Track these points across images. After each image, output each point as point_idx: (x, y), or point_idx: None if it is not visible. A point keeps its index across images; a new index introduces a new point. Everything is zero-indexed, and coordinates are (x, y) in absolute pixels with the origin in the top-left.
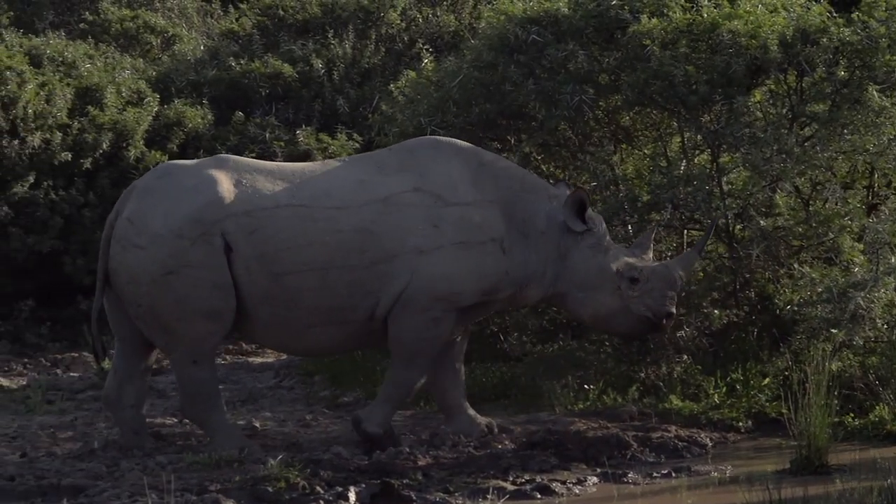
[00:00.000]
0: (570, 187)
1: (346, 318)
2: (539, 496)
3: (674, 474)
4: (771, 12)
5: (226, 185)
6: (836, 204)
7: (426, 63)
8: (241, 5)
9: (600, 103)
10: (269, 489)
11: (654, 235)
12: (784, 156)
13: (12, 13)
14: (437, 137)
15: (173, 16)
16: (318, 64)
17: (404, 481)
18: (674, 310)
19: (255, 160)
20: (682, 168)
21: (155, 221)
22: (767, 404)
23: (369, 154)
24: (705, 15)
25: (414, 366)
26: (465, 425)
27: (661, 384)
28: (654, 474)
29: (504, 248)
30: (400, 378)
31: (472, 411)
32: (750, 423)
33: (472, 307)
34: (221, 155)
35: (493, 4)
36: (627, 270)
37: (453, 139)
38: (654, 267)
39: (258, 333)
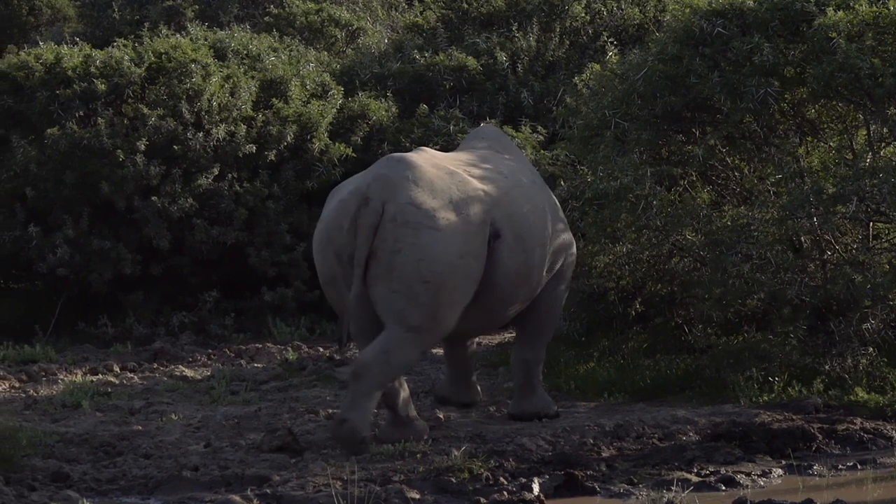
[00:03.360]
0: None
1: (534, 293)
2: (724, 488)
3: (859, 467)
4: None
5: (467, 173)
6: None
7: (611, 56)
8: None
9: (786, 96)
10: (453, 480)
11: None
12: None
13: (197, 7)
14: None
15: (358, 9)
16: (503, 57)
17: (588, 472)
18: None
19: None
20: (868, 160)
21: (445, 208)
22: None
23: (473, 145)
24: (892, 7)
25: (545, 343)
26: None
27: (847, 376)
28: (840, 467)
29: None
30: (537, 357)
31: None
32: None
33: None
34: (417, 149)
35: None
36: None
37: None
38: None
39: (493, 311)
